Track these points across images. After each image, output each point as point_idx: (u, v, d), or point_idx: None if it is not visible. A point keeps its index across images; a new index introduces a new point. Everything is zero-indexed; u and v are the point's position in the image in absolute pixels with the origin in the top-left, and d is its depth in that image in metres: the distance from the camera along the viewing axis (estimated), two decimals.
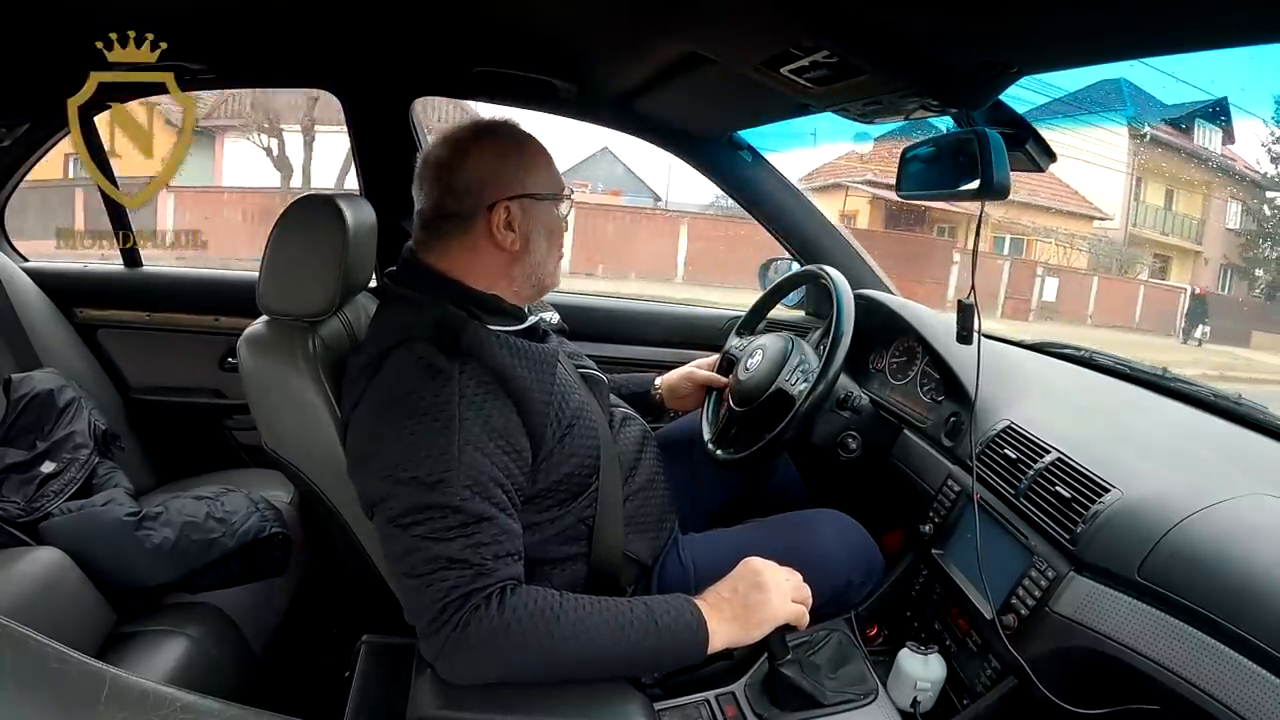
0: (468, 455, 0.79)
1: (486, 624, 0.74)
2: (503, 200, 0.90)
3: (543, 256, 0.94)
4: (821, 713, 0.95)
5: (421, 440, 0.79)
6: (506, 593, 0.77)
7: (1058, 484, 0.92)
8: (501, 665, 0.76)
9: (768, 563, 0.89)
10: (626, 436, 1.08)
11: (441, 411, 0.80)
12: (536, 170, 0.93)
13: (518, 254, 0.92)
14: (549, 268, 0.96)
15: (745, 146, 1.63)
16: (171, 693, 0.39)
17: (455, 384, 0.81)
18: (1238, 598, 0.68)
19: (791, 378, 1.19)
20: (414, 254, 0.94)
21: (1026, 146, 1.04)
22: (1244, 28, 0.69)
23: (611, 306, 1.83)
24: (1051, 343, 1.45)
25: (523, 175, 0.91)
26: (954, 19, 0.80)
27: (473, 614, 0.75)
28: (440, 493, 0.77)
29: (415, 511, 0.77)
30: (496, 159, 0.91)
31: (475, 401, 0.81)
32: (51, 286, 1.69)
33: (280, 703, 0.64)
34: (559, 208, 0.95)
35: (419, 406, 0.80)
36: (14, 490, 1.28)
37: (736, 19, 0.92)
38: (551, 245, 0.95)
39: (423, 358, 0.82)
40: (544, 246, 0.94)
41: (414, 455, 0.78)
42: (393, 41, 1.37)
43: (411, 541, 0.77)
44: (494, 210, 0.90)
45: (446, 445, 0.78)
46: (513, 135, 0.94)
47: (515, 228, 0.91)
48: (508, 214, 0.90)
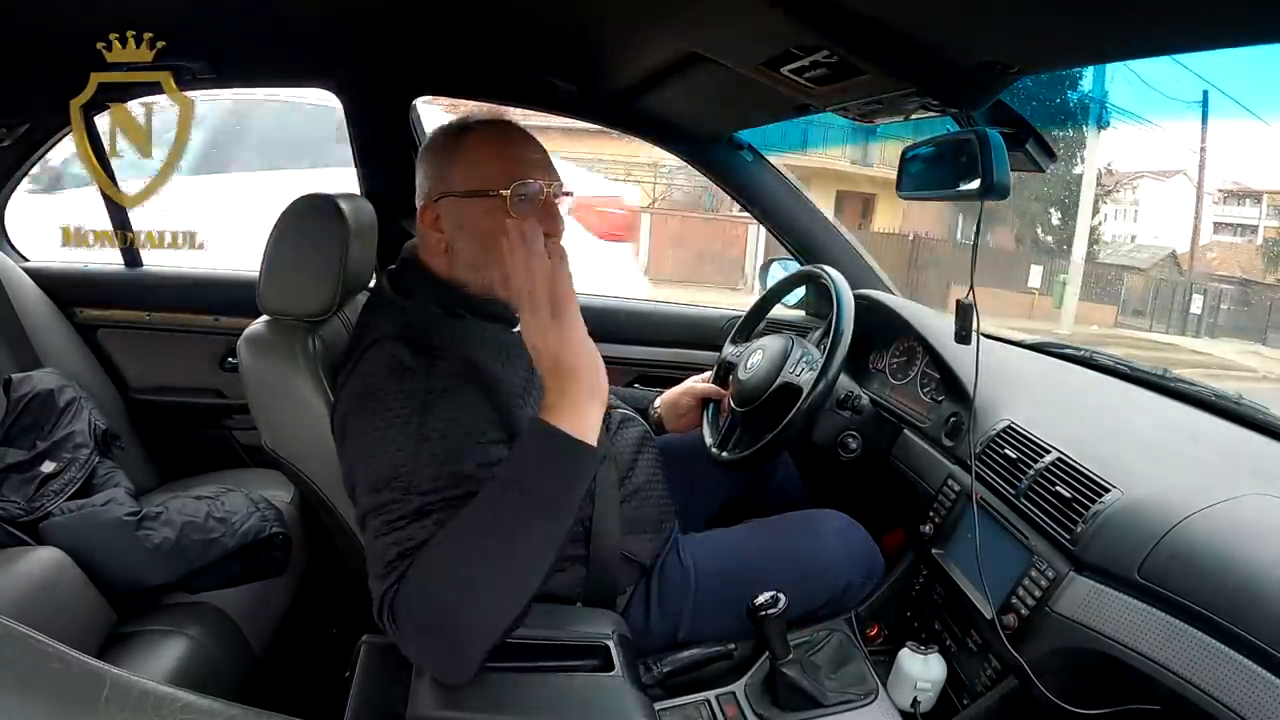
0: (428, 450, 0.76)
1: (403, 611, 0.71)
2: (428, 200, 0.89)
3: (475, 259, 0.88)
4: (822, 713, 0.95)
5: (385, 437, 0.77)
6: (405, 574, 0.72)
7: (1058, 484, 0.92)
8: (444, 635, 0.71)
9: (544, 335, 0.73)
10: (624, 438, 1.08)
11: (404, 407, 0.78)
12: (467, 166, 0.87)
13: (448, 255, 0.90)
14: (491, 274, 0.87)
15: (745, 146, 1.63)
16: (171, 693, 0.39)
17: (423, 378, 0.80)
18: (1238, 598, 0.68)
19: (795, 369, 1.19)
20: (413, 252, 0.94)
21: (1026, 146, 1.04)
22: (1244, 28, 0.69)
23: (612, 306, 1.83)
24: (1052, 343, 1.45)
25: (449, 172, 0.88)
26: (954, 19, 0.80)
27: (392, 608, 0.72)
28: (392, 490, 0.75)
29: (374, 510, 0.76)
30: (430, 157, 0.91)
31: (444, 396, 0.80)
32: (51, 286, 1.69)
33: (280, 703, 0.64)
34: (499, 204, 0.85)
35: (384, 403, 0.79)
36: (14, 490, 1.28)
37: (736, 19, 0.91)
38: (486, 245, 0.86)
39: (393, 355, 0.82)
40: (474, 247, 0.87)
41: (377, 452, 0.77)
42: (393, 41, 1.36)
43: (367, 538, 0.77)
44: (423, 211, 0.90)
45: (405, 442, 0.77)
46: (453, 131, 0.91)
47: (443, 229, 0.89)
48: (435, 215, 0.89)
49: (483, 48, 1.38)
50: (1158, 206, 15.51)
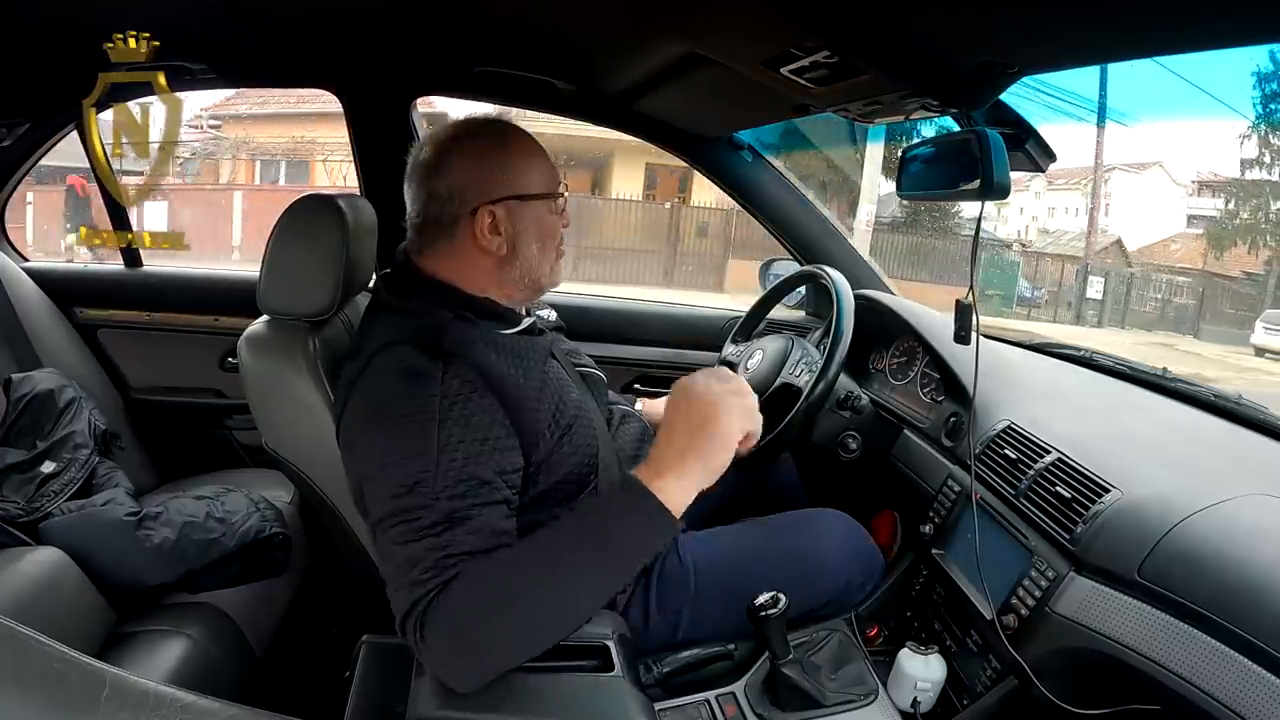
0: (448, 456, 0.76)
1: (441, 620, 0.70)
2: (485, 204, 0.87)
3: (534, 258, 0.91)
4: (822, 713, 0.95)
5: (401, 443, 0.77)
6: (450, 585, 0.71)
7: (1058, 484, 0.92)
8: (477, 652, 0.71)
9: (707, 383, 0.79)
10: (625, 434, 1.08)
11: (421, 413, 0.78)
12: (523, 169, 0.90)
13: (506, 258, 0.90)
14: (544, 269, 0.93)
15: (745, 146, 1.63)
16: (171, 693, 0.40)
17: (437, 384, 0.79)
18: (1238, 598, 0.68)
19: (795, 370, 1.19)
20: (407, 257, 0.93)
21: (1026, 146, 1.04)
22: (1244, 28, 0.69)
23: (610, 306, 1.83)
24: (1052, 343, 1.45)
25: (507, 176, 0.88)
26: (954, 19, 0.80)
27: (425, 616, 0.70)
28: (416, 495, 0.75)
29: (392, 515, 0.75)
30: (477, 161, 0.89)
31: (459, 401, 0.79)
32: (51, 286, 1.69)
33: (280, 703, 0.64)
34: (553, 205, 0.92)
35: (400, 409, 0.78)
36: (14, 490, 1.28)
37: (736, 19, 0.91)
38: (545, 246, 0.92)
39: (404, 360, 0.81)
40: (535, 248, 0.91)
41: (393, 459, 0.77)
42: (393, 41, 1.37)
43: (386, 545, 0.76)
44: (477, 215, 0.88)
45: (424, 447, 0.76)
46: (494, 134, 0.91)
47: (501, 231, 0.88)
48: (492, 218, 0.88)
49: (483, 48, 1.38)
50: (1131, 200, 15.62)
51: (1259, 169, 12.90)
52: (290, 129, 10.33)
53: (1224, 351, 10.32)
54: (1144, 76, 12.03)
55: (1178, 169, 16.09)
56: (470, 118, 0.94)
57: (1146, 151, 15.76)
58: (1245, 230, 13.12)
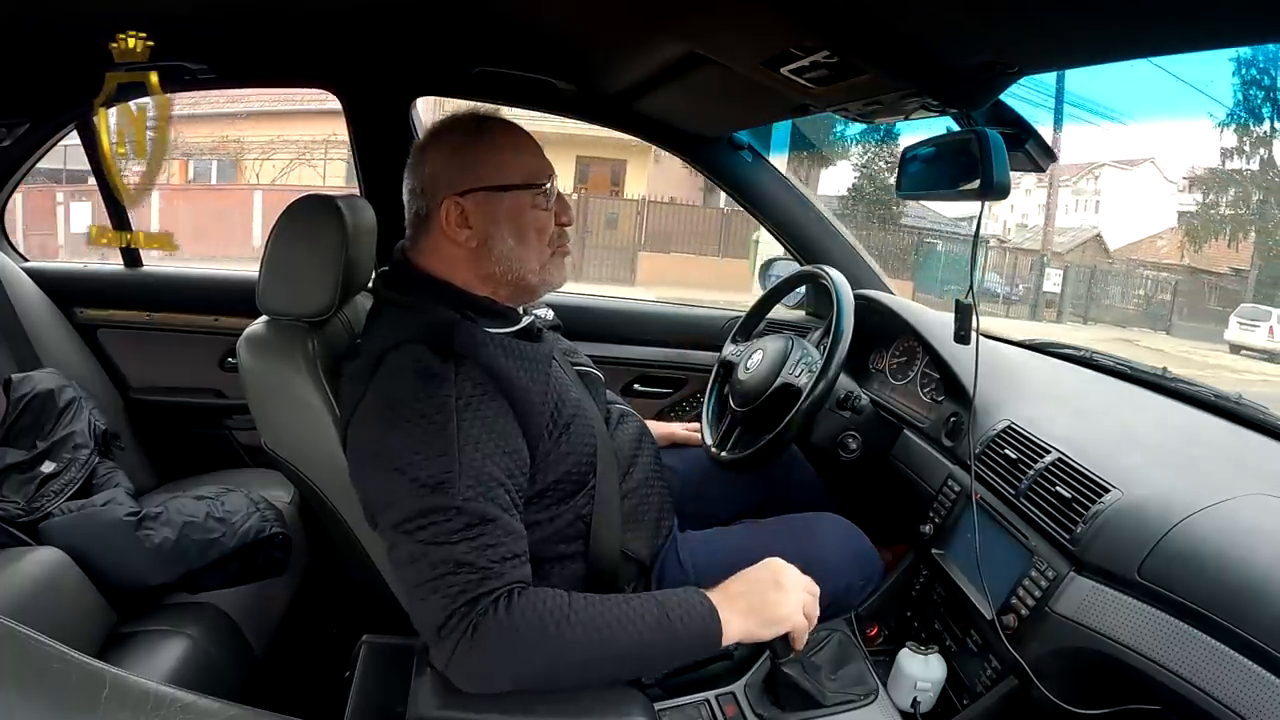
0: (468, 456, 0.77)
1: (495, 628, 0.72)
2: (451, 196, 0.88)
3: (510, 252, 0.89)
4: (822, 713, 0.95)
5: (421, 443, 0.77)
6: (514, 595, 0.74)
7: (1058, 484, 0.92)
8: (513, 670, 0.74)
9: (791, 566, 0.88)
10: (623, 433, 1.07)
11: (438, 413, 0.78)
12: (495, 162, 0.89)
13: (477, 251, 0.89)
14: (529, 265, 0.91)
15: (745, 146, 1.63)
16: (171, 693, 0.40)
17: (452, 385, 0.80)
18: (1238, 598, 0.68)
19: (795, 370, 1.19)
20: (404, 254, 0.94)
21: (1026, 146, 1.04)
22: (1244, 28, 0.69)
23: (610, 306, 1.83)
24: (1052, 343, 1.45)
25: (477, 168, 0.88)
26: (954, 19, 0.80)
27: (481, 618, 0.72)
28: (443, 495, 0.75)
29: (419, 516, 0.76)
30: (448, 154, 0.89)
31: (472, 403, 0.80)
32: (51, 286, 1.69)
33: (280, 703, 0.64)
34: (537, 200, 0.90)
35: (417, 410, 0.79)
36: (14, 490, 1.28)
37: (736, 19, 0.91)
38: (524, 239, 0.90)
39: (418, 360, 0.81)
40: (510, 242, 0.89)
41: (414, 459, 0.77)
42: (393, 41, 1.37)
43: (416, 547, 0.75)
44: (444, 206, 0.88)
45: (446, 447, 0.77)
46: (468, 127, 0.90)
47: (472, 224, 0.88)
48: (461, 210, 0.88)
49: (483, 48, 1.38)
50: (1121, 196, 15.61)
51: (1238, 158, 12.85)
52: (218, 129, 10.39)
53: (1191, 348, 10.26)
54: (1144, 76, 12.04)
55: (1170, 165, 16.12)
56: (453, 113, 0.94)
57: (1139, 148, 15.80)
58: (1223, 223, 13.06)
